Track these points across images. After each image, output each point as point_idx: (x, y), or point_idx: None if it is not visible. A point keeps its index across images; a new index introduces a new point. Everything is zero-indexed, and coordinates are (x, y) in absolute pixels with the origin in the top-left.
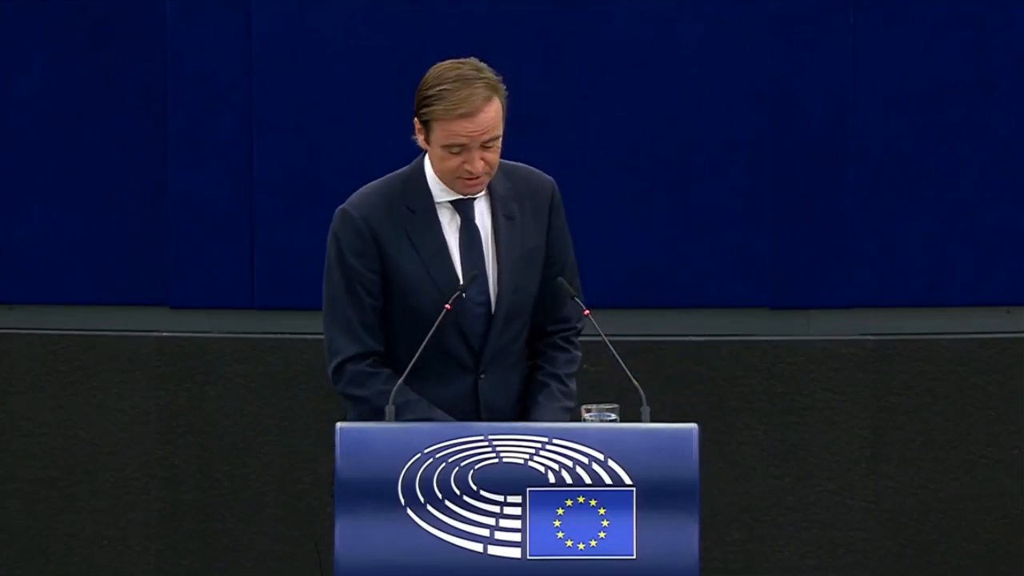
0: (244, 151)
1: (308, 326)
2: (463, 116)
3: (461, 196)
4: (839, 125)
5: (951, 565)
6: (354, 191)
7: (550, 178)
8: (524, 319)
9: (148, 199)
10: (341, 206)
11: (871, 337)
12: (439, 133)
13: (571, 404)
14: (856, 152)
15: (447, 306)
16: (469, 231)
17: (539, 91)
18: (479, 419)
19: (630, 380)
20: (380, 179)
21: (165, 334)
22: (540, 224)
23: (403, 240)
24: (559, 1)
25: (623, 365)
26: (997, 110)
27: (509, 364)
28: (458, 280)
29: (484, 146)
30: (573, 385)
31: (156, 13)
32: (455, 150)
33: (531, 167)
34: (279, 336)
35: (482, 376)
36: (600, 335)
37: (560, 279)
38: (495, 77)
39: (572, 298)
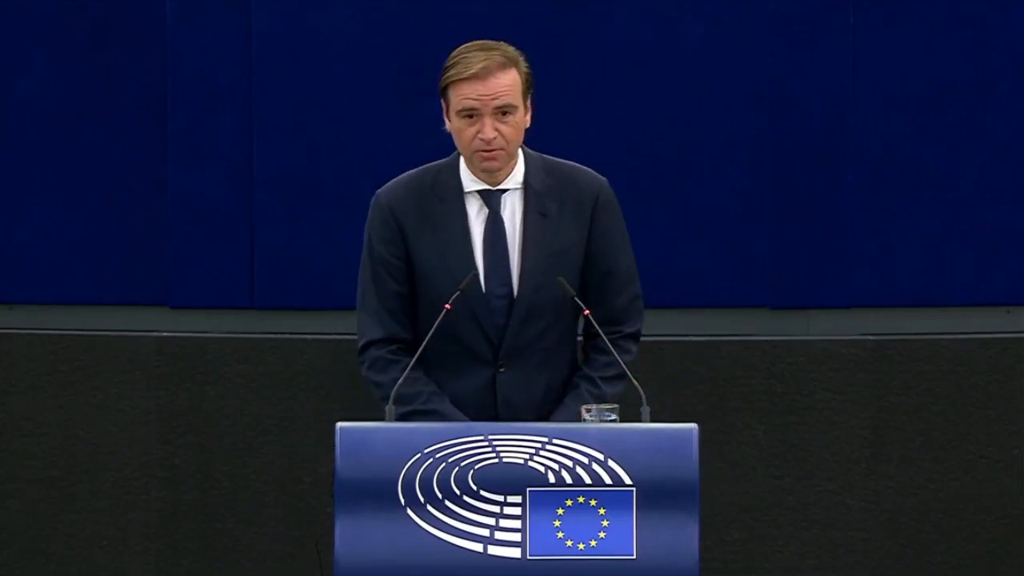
0: (244, 151)
1: (308, 326)
2: (474, 77)
3: (489, 187)
4: (839, 125)
5: (951, 565)
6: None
7: (600, 179)
8: (551, 318)
9: (148, 199)
10: (377, 191)
11: (871, 337)
12: (453, 99)
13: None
14: (856, 152)
15: (447, 306)
16: (494, 223)
17: (539, 91)
18: (496, 414)
19: (630, 380)
20: (417, 168)
21: (165, 334)
22: (580, 224)
23: (427, 228)
24: (559, 1)
25: (623, 365)
26: (997, 110)
27: (534, 362)
28: (477, 272)
29: (499, 115)
30: (610, 389)
31: (156, 13)
32: (467, 113)
33: (580, 166)
34: (279, 336)
35: (501, 370)
36: (600, 334)
37: (560, 278)
38: (519, 57)
39: (572, 298)
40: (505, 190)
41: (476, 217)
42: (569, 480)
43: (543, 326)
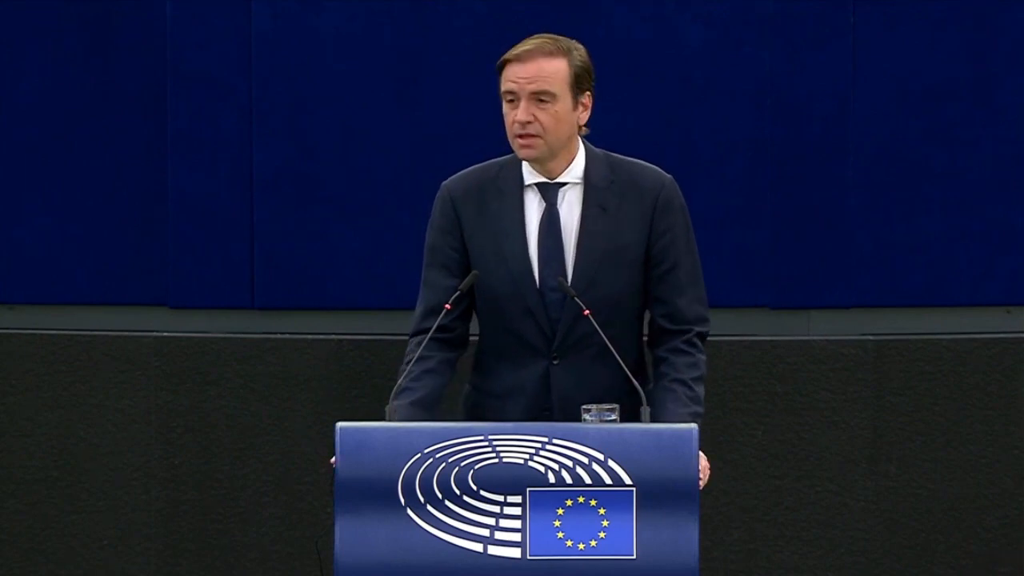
0: (244, 151)
1: (308, 326)
2: (516, 59)
3: (547, 180)
4: (839, 125)
5: (951, 565)
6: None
7: (665, 177)
8: (608, 313)
9: (148, 199)
10: (443, 181)
11: (871, 337)
12: (501, 83)
13: (700, 409)
14: (856, 152)
15: (447, 305)
16: (550, 216)
17: None
18: (550, 405)
19: (630, 380)
20: (485, 162)
21: (165, 334)
22: (640, 222)
23: (485, 219)
24: (559, 1)
25: (623, 365)
26: (997, 110)
27: (590, 355)
28: (530, 264)
29: (535, 99)
30: (700, 390)
31: (156, 13)
32: (509, 98)
33: (647, 164)
34: (279, 336)
35: (555, 362)
36: (602, 336)
37: (560, 278)
38: (577, 51)
39: (572, 298)
40: (564, 184)
41: (534, 210)
42: (569, 480)
43: (599, 320)
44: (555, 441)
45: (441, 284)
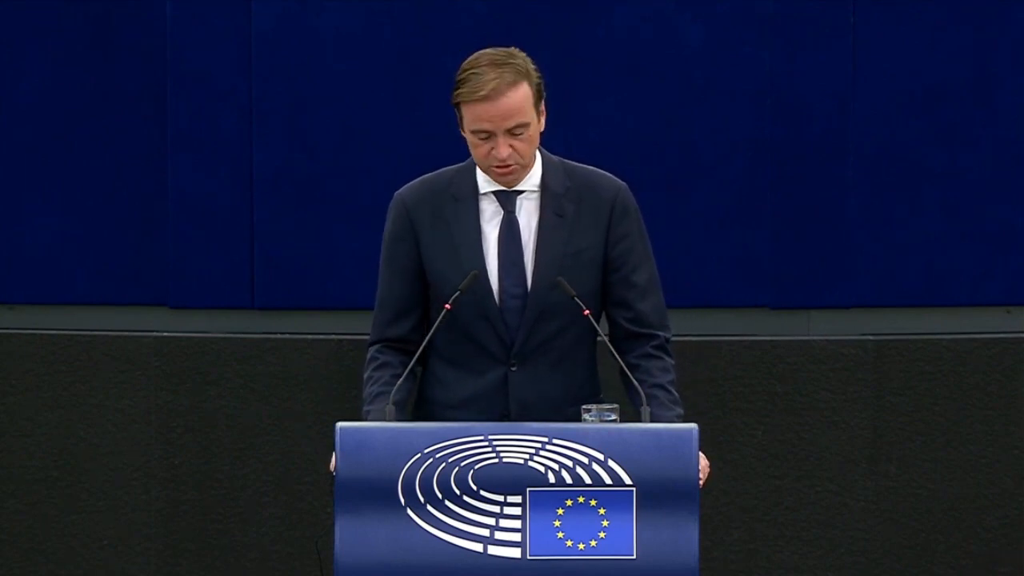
0: (244, 151)
1: (308, 326)
2: (484, 99)
3: (505, 188)
4: (839, 125)
5: (951, 565)
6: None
7: (620, 183)
8: (568, 318)
9: (148, 199)
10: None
11: (871, 337)
12: (466, 117)
13: (682, 411)
14: (856, 152)
15: (447, 306)
16: (509, 223)
17: None
18: (508, 412)
19: (630, 380)
20: (437, 170)
21: (165, 334)
22: (597, 228)
23: (440, 227)
24: (559, 1)
25: (623, 365)
26: (997, 110)
27: (549, 361)
28: (488, 271)
29: (511, 133)
30: (677, 394)
31: (156, 13)
32: (482, 136)
33: (600, 170)
34: (279, 336)
35: (513, 369)
36: (600, 335)
37: (559, 278)
38: (529, 66)
39: (572, 298)
40: (521, 191)
41: (491, 217)
42: (569, 480)
43: (558, 326)
44: (555, 441)
45: (395, 290)
